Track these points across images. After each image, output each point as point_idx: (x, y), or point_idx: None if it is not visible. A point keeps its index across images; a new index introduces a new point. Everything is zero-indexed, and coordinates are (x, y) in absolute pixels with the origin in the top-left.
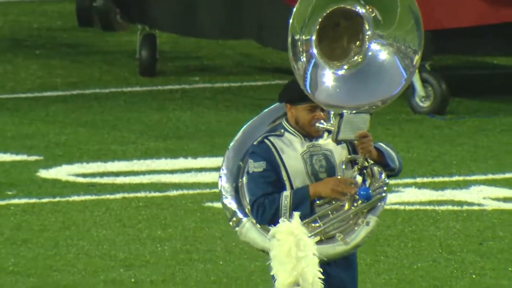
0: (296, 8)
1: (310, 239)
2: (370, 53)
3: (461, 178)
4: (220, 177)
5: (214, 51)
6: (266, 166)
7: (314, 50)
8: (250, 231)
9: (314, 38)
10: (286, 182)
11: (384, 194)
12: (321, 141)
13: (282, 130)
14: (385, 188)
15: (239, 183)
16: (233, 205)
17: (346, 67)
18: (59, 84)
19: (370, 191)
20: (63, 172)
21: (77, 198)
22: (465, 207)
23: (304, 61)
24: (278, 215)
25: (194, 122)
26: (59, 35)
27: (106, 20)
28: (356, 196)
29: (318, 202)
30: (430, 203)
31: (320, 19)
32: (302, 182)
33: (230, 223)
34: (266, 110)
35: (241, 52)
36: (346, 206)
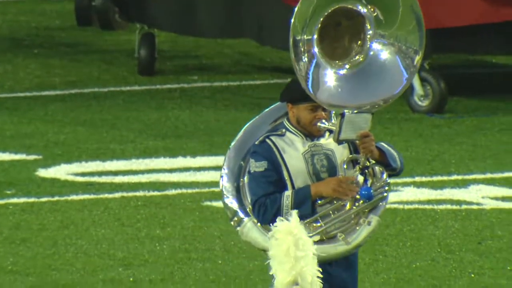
0: (297, 8)
1: (309, 239)
2: (372, 52)
3: (460, 177)
4: (221, 176)
5: (212, 50)
6: (268, 165)
7: (315, 49)
8: (252, 231)
9: (315, 38)
10: (288, 182)
11: (385, 194)
12: (322, 140)
13: (284, 130)
14: (386, 188)
15: (241, 183)
16: (234, 204)
17: (347, 67)
18: (58, 83)
19: (371, 191)
20: (62, 171)
21: (76, 197)
22: (463, 206)
23: (305, 61)
24: (280, 215)
25: (193, 121)
26: (58, 34)
27: (105, 19)
28: (357, 196)
29: (320, 202)
30: (429, 202)
31: (321, 19)
32: (303, 181)
33: (232, 223)
34: (267, 109)
35: (239, 51)
36: (348, 206)
